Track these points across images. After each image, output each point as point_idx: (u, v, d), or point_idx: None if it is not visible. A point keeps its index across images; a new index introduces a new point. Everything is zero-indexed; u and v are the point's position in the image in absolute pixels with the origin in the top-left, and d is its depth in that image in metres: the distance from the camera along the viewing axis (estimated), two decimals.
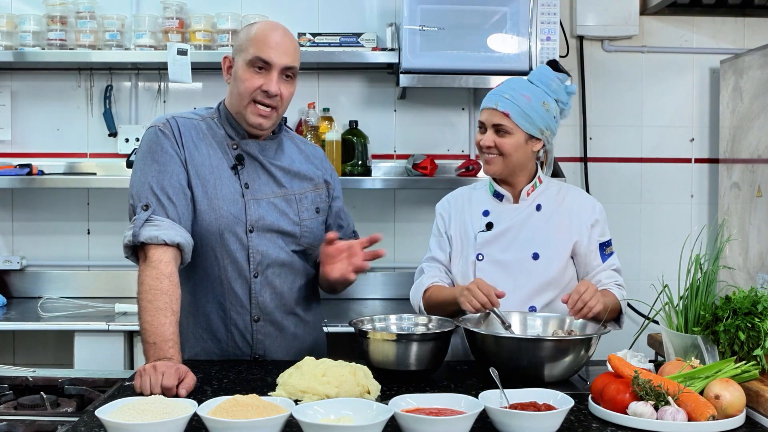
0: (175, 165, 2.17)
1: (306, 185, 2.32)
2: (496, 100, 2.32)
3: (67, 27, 3.57)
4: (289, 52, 2.18)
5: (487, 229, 2.39)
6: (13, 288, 3.75)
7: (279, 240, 2.24)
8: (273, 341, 2.26)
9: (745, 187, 3.50)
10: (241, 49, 2.18)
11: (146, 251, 2.09)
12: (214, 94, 3.75)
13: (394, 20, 3.69)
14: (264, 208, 2.22)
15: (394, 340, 2.01)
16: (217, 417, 1.54)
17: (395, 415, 1.57)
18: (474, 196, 2.47)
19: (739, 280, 3.41)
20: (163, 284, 2.04)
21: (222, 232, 2.19)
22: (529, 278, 2.33)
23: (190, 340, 2.25)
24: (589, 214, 2.40)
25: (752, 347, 1.84)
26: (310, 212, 2.30)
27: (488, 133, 2.33)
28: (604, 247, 2.40)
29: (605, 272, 2.38)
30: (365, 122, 3.71)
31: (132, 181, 2.20)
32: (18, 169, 3.58)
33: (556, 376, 1.97)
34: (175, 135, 2.20)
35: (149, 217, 2.11)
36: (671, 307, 2.00)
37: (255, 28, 2.20)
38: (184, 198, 2.16)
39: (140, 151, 2.23)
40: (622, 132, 3.91)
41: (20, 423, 1.81)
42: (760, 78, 3.37)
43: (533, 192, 2.40)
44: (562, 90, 2.39)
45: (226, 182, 2.20)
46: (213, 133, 2.25)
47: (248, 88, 2.16)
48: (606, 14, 3.78)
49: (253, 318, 2.24)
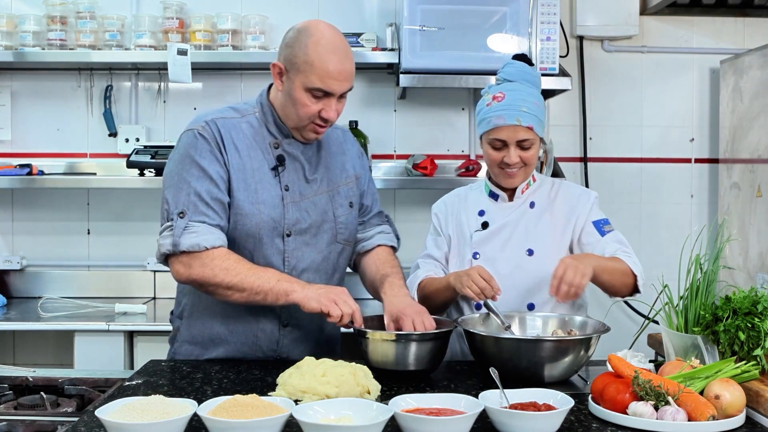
0: (214, 170, 2.12)
1: (340, 179, 2.29)
2: (515, 116, 2.26)
3: (67, 27, 3.58)
4: (349, 76, 2.11)
5: (482, 228, 2.39)
6: (13, 288, 3.75)
7: (315, 241, 2.22)
8: (298, 345, 2.25)
9: (745, 187, 3.50)
10: (299, 69, 2.08)
11: (191, 257, 2.07)
12: (214, 94, 3.76)
13: (394, 20, 3.69)
14: (302, 210, 2.19)
15: (394, 340, 2.01)
16: (217, 417, 1.54)
17: (395, 415, 1.57)
18: (470, 196, 2.48)
19: (739, 280, 3.41)
20: (230, 262, 2.06)
21: (261, 236, 2.16)
22: (525, 275, 2.33)
23: (216, 341, 2.23)
24: (584, 203, 2.40)
25: (752, 347, 1.84)
26: (344, 207, 2.29)
27: (512, 149, 2.29)
28: (600, 225, 2.36)
29: (609, 245, 2.31)
30: (365, 122, 3.71)
31: (167, 184, 2.14)
32: (18, 169, 3.58)
33: (556, 376, 1.97)
34: (216, 138, 2.14)
35: (187, 224, 2.07)
36: (671, 307, 2.00)
37: (314, 50, 2.06)
38: (222, 204, 2.12)
39: (177, 154, 2.16)
40: (622, 132, 3.91)
41: (20, 423, 1.81)
42: (760, 78, 3.37)
43: (527, 190, 2.41)
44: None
45: (267, 186, 2.16)
46: (254, 132, 2.19)
47: (307, 114, 2.11)
48: (606, 14, 3.78)
49: (282, 323, 2.22)
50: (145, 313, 3.40)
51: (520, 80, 2.33)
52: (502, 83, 2.35)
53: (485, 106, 2.32)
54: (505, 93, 2.30)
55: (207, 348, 2.24)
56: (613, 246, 2.32)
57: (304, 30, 2.12)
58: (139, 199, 3.79)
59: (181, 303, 2.31)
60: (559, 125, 3.87)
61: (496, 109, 2.29)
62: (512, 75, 2.34)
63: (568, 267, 2.08)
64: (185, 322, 2.28)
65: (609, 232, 2.36)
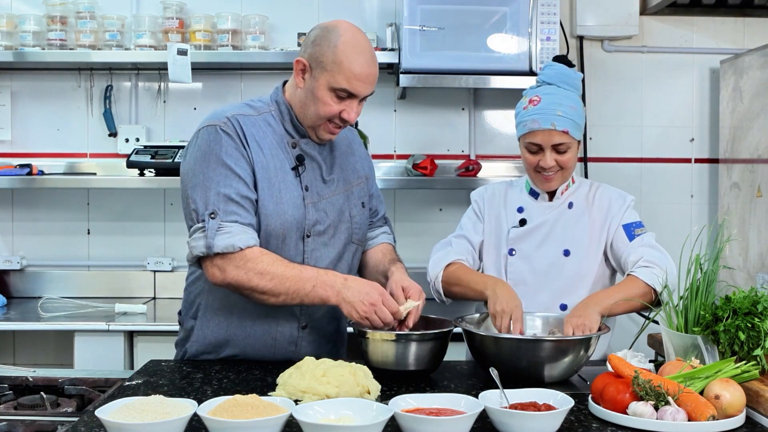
0: (241, 167, 2.07)
1: (353, 179, 2.28)
2: (550, 120, 2.26)
3: (67, 27, 3.58)
4: (374, 80, 2.10)
5: (520, 225, 2.39)
6: (13, 288, 3.75)
7: (332, 241, 2.21)
8: (316, 347, 2.24)
9: (745, 187, 3.50)
10: (325, 67, 2.06)
11: (224, 260, 2.03)
12: (214, 94, 3.76)
13: (394, 20, 3.69)
14: (320, 211, 2.18)
15: (393, 340, 2.01)
16: (217, 417, 1.53)
17: (395, 415, 1.57)
18: (510, 192, 2.48)
19: (739, 280, 3.41)
20: (264, 264, 2.03)
21: (285, 237, 2.13)
22: (560, 275, 2.33)
23: (233, 343, 2.20)
24: (619, 206, 2.38)
25: (752, 347, 1.84)
26: (358, 207, 2.28)
27: (548, 153, 2.28)
28: (631, 228, 2.34)
29: (634, 252, 2.28)
30: (365, 122, 3.71)
31: (192, 184, 2.08)
32: (18, 169, 3.58)
33: (555, 377, 1.97)
34: (239, 134, 2.09)
35: (220, 225, 2.03)
36: (671, 307, 2.00)
37: (342, 49, 2.05)
38: (252, 202, 2.08)
39: (199, 151, 2.09)
40: (622, 132, 3.91)
41: (20, 423, 1.81)
42: (760, 78, 3.37)
43: (566, 191, 2.41)
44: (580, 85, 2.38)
45: (289, 185, 2.13)
46: (272, 130, 2.16)
47: (328, 113, 2.09)
48: (606, 14, 3.78)
49: (300, 325, 2.21)
50: (145, 313, 3.40)
51: (558, 83, 2.32)
52: (540, 86, 2.35)
53: (522, 110, 2.32)
54: (542, 96, 2.29)
55: (223, 349, 2.21)
56: (638, 253, 2.27)
57: (334, 29, 2.10)
58: (139, 199, 3.79)
59: (194, 303, 2.26)
60: None
61: (531, 113, 2.28)
62: (550, 77, 2.33)
63: (575, 330, 2.05)
64: (199, 322, 2.23)
65: (639, 235, 2.33)
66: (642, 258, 2.25)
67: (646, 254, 2.26)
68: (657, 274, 2.19)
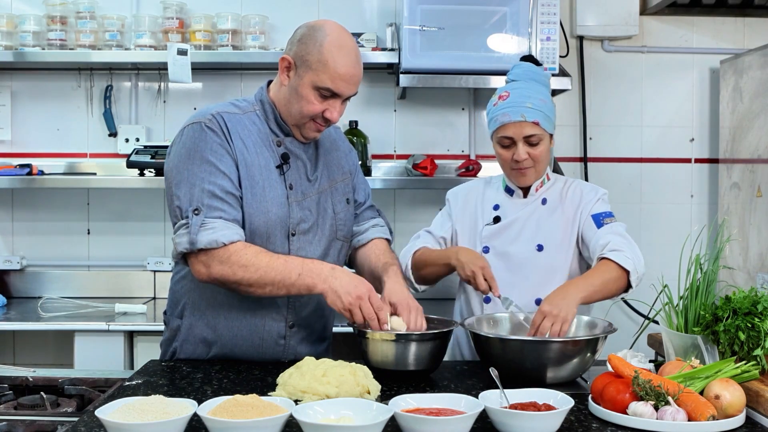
0: (225, 164, 2.08)
1: (337, 176, 2.29)
2: (520, 112, 2.29)
3: (67, 27, 3.58)
4: (358, 81, 2.12)
5: (493, 222, 2.41)
6: (13, 288, 3.75)
7: (317, 239, 2.21)
8: (305, 347, 2.24)
9: (745, 187, 3.50)
10: (310, 66, 2.07)
11: (208, 255, 2.03)
12: (214, 94, 3.76)
13: (394, 20, 3.69)
14: (305, 209, 2.18)
15: (393, 341, 2.01)
16: (217, 417, 1.53)
17: (395, 415, 1.57)
18: (487, 190, 2.50)
19: (739, 280, 3.41)
20: (248, 257, 2.03)
21: (269, 235, 2.13)
22: (534, 270, 2.35)
23: (220, 342, 2.21)
24: (590, 198, 2.40)
25: (752, 347, 1.84)
26: (342, 204, 2.29)
27: (521, 146, 2.31)
28: (600, 218, 2.34)
29: (603, 237, 2.27)
30: (365, 122, 3.71)
31: (176, 181, 2.09)
32: (18, 169, 3.58)
33: (561, 378, 1.97)
34: (223, 131, 2.10)
35: (203, 221, 2.04)
36: (671, 307, 2.00)
37: (327, 49, 2.06)
38: (236, 198, 2.09)
39: (183, 148, 2.11)
40: (622, 132, 3.91)
41: (20, 423, 1.81)
42: (760, 78, 3.37)
43: (541, 188, 2.43)
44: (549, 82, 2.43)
45: (274, 184, 2.14)
46: (257, 129, 2.17)
47: (310, 112, 2.10)
48: (606, 14, 3.78)
49: (288, 324, 2.21)
50: (145, 313, 3.40)
51: (526, 79, 2.36)
52: (508, 83, 2.40)
53: (492, 106, 2.36)
54: (510, 91, 2.34)
55: (209, 349, 2.22)
56: (606, 238, 2.26)
57: (320, 29, 2.11)
58: (139, 199, 3.79)
59: (180, 302, 2.27)
60: (559, 125, 3.83)
61: (501, 108, 2.32)
62: (518, 75, 2.39)
63: (546, 317, 2.05)
64: (186, 321, 2.25)
65: (608, 224, 2.33)
66: (610, 243, 2.24)
67: (613, 240, 2.25)
68: (628, 257, 2.19)
